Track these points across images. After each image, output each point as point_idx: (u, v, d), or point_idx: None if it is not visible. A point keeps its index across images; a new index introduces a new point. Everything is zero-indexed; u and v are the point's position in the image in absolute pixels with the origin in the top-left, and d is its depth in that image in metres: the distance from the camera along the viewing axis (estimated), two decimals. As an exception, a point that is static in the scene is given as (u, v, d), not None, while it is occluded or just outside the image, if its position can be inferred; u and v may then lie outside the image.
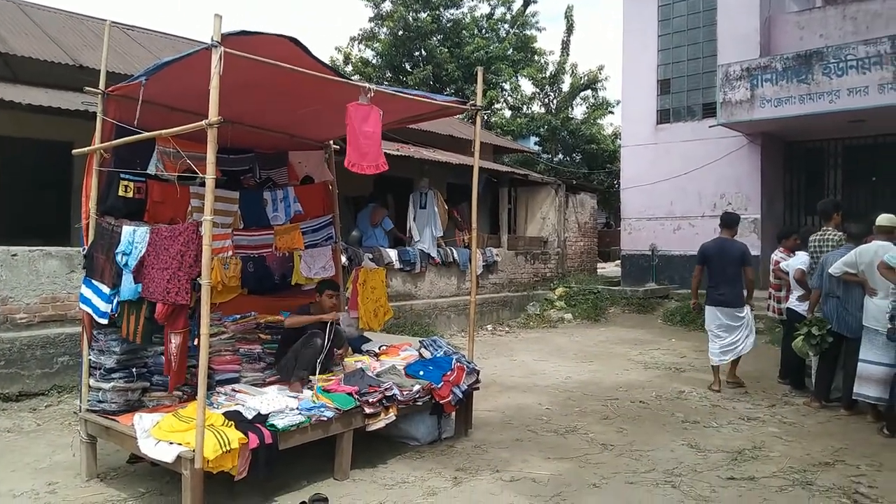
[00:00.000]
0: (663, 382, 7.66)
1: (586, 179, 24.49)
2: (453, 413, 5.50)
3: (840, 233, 6.72)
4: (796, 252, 7.33)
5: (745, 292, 7.38)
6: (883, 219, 6.13)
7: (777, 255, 7.69)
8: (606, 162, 25.80)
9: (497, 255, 12.78)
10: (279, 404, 4.45)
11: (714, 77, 12.64)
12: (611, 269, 19.74)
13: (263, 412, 4.32)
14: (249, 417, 4.25)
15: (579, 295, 13.49)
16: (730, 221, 7.60)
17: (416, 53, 25.37)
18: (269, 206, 6.14)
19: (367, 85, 4.77)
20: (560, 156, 27.22)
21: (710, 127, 12.94)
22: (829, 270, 6.23)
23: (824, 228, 6.95)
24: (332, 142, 6.68)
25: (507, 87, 26.17)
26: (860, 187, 13.34)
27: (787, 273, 7.26)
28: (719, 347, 7.37)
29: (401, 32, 24.59)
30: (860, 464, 4.91)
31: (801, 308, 6.86)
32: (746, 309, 7.37)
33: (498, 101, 26.20)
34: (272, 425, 4.20)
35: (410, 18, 24.35)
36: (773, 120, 11.75)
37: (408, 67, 25.67)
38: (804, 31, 13.14)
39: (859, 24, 12.62)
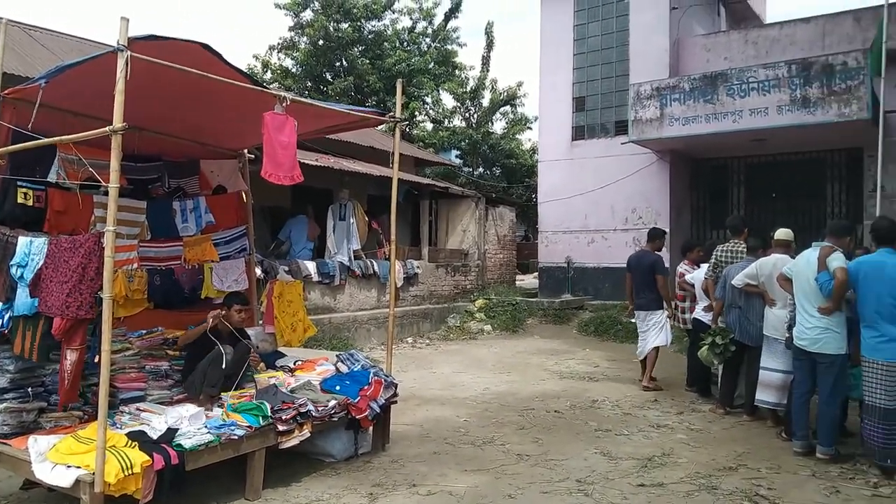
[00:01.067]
0: (577, 391, 7.82)
1: (506, 193, 24.88)
2: (371, 428, 5.44)
3: (744, 246, 7.06)
4: (700, 264, 7.66)
5: (661, 299, 8.01)
6: (780, 233, 6.50)
7: (682, 267, 8.02)
8: (525, 176, 26.33)
9: (418, 267, 12.79)
10: (189, 421, 4.28)
11: (626, 95, 13.09)
12: (529, 280, 20.09)
13: (172, 426, 4.16)
14: (155, 437, 4.08)
15: (498, 307, 13.66)
16: (652, 235, 8.36)
17: (337, 64, 25.21)
18: (179, 216, 5.94)
19: (282, 94, 4.70)
20: (480, 169, 27.58)
21: (622, 144, 13.41)
22: (732, 282, 6.54)
23: (735, 241, 7.26)
24: (246, 151, 6.52)
25: (428, 100, 26.35)
26: (761, 203, 14.11)
27: (692, 285, 7.59)
28: (639, 345, 8.21)
29: (321, 42, 24.38)
30: (761, 467, 5.15)
31: (707, 318, 7.16)
32: (658, 314, 7.94)
33: (419, 114, 26.33)
34: (179, 445, 4.04)
35: (331, 28, 24.18)
36: (681, 138, 12.29)
37: (328, 77, 25.48)
38: (710, 54, 13.84)
39: (760, 48, 13.40)
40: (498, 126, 27.94)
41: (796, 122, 11.06)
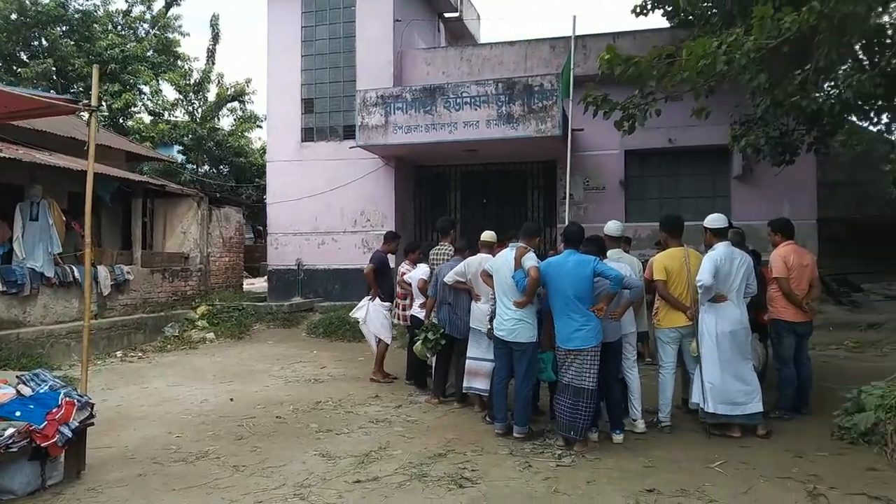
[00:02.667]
0: (302, 395, 7.76)
1: (234, 193, 23.95)
2: (62, 455, 4.82)
3: (452, 248, 7.61)
4: (418, 264, 8.09)
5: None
6: (485, 235, 7.12)
7: (403, 267, 8.38)
8: (255, 176, 25.58)
9: (129, 273, 11.69)
10: None
11: (354, 101, 13.33)
12: (260, 284, 19.53)
13: None
14: None
15: (223, 313, 13.06)
16: (386, 237, 8.94)
17: (35, 43, 22.20)
18: None
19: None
20: (207, 167, 26.20)
21: (350, 148, 13.64)
22: (443, 280, 7.00)
23: (441, 243, 7.82)
24: None
25: (146, 90, 24.35)
26: (475, 208, 15.34)
27: (410, 283, 7.98)
28: None
29: (14, 16, 21.28)
30: (467, 451, 5.56)
31: (422, 314, 7.58)
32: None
33: (135, 105, 24.21)
34: None
35: (28, 2, 21.21)
36: (404, 145, 12.83)
37: (24, 58, 22.32)
38: (430, 67, 14.66)
39: (473, 65, 14.51)
40: (226, 122, 26.84)
41: (502, 135, 12.18)
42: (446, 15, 17.18)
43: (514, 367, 6.03)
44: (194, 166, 25.23)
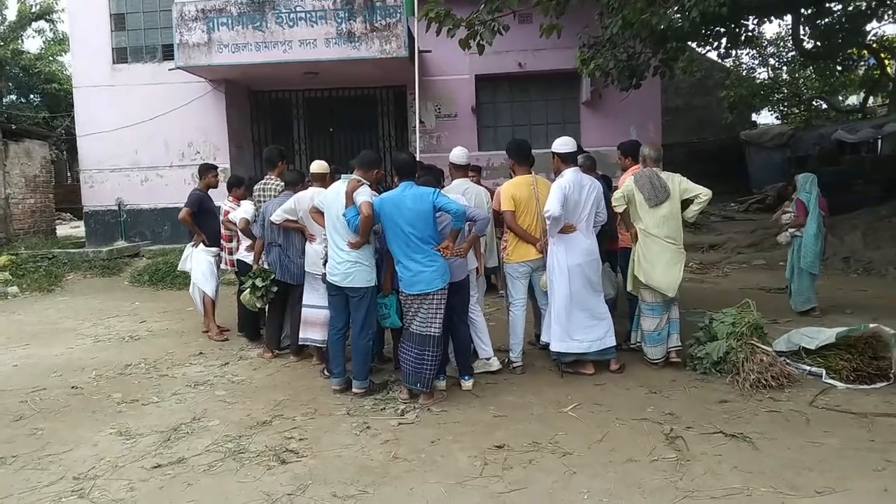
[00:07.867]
0: (110, 357, 6.64)
1: (48, 125, 21.10)
2: None
3: (281, 181, 6.68)
4: (243, 201, 7.07)
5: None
6: (315, 166, 6.21)
7: (226, 204, 7.31)
8: (72, 105, 22.68)
9: None
10: None
11: (171, 16, 11.64)
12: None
13: None
14: None
15: (30, 262, 11.35)
16: (200, 170, 7.58)
17: None
18: None
19: None
20: (13, 97, 22.89)
21: (169, 70, 12.00)
22: (271, 218, 6.10)
23: (267, 177, 6.87)
24: None
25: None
26: (321, 136, 14.26)
27: (235, 223, 6.98)
28: None
29: None
30: (297, 415, 4.83)
31: (250, 258, 6.65)
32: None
33: None
34: None
35: None
36: (233, 66, 11.41)
37: None
38: (259, -21, 13.09)
39: (308, -23, 13.13)
40: (33, 45, 23.45)
41: (343, 55, 11.12)
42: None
43: (351, 315, 5.33)
44: (-6, 95, 21.97)
